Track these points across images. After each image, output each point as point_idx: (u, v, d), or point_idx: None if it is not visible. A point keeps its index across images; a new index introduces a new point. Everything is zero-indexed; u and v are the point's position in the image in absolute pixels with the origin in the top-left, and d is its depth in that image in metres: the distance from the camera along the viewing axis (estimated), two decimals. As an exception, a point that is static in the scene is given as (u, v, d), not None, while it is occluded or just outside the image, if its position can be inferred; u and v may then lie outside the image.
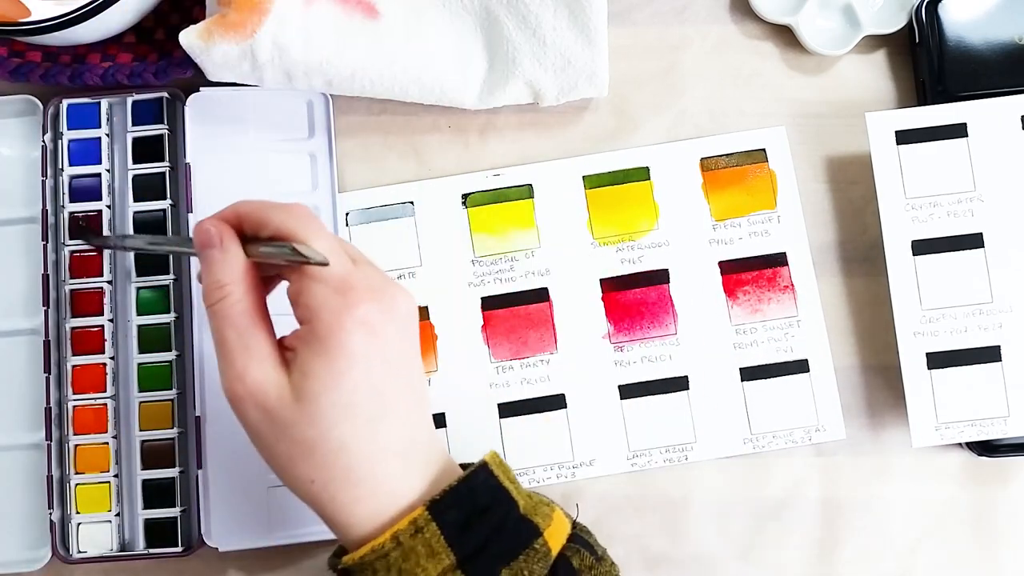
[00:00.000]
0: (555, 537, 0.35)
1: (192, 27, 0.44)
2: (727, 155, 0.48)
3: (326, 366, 0.33)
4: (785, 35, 0.50)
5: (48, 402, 0.45)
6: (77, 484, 0.45)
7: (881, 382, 0.47)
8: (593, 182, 0.48)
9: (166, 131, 0.47)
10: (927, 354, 0.45)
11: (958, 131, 0.45)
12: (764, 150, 0.48)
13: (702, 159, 0.49)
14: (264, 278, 0.37)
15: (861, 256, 0.48)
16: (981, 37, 0.47)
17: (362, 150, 0.49)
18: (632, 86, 0.49)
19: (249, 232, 0.36)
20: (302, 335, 0.34)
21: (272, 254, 0.35)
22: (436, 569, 0.32)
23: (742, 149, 0.49)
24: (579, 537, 0.36)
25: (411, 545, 0.33)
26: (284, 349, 0.35)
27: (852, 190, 0.48)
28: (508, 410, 0.47)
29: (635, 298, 0.48)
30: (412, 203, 0.48)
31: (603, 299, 0.48)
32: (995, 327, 0.45)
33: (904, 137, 0.45)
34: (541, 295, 0.48)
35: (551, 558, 0.34)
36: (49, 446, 0.45)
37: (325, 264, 0.34)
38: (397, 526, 0.33)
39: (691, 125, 0.49)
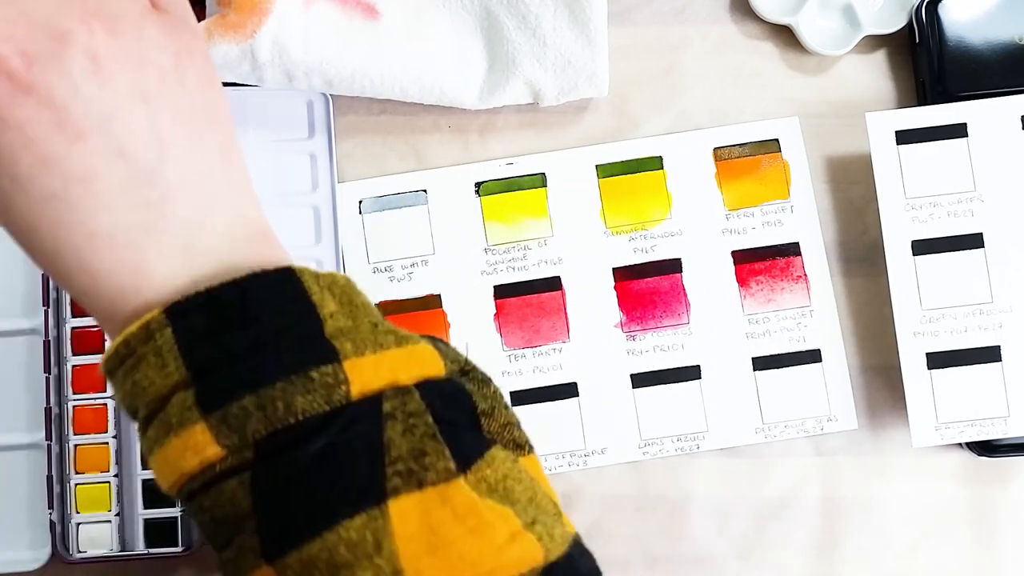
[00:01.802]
0: (375, 371, 0.26)
1: (192, 27, 0.44)
2: (740, 145, 0.49)
3: None
4: (785, 35, 0.50)
5: (48, 402, 0.45)
6: (77, 484, 0.45)
7: (881, 382, 0.47)
8: (606, 171, 0.49)
9: (166, 131, 0.47)
10: (927, 354, 0.45)
11: (958, 131, 0.45)
12: (777, 140, 0.49)
13: (715, 148, 0.49)
14: None
15: (861, 256, 0.48)
16: (981, 37, 0.47)
17: (362, 150, 0.49)
18: (632, 86, 0.49)
19: None
20: None
21: None
22: (165, 384, 0.25)
23: (755, 139, 0.49)
24: (448, 385, 0.28)
25: (142, 352, 0.26)
26: None
27: (852, 190, 0.48)
28: (520, 398, 0.47)
29: (648, 287, 0.48)
30: (425, 191, 0.49)
31: (616, 288, 0.48)
32: (995, 327, 0.45)
33: (904, 137, 0.45)
34: (553, 284, 0.48)
35: (341, 394, 0.25)
36: (49, 446, 0.45)
37: None
38: (128, 329, 0.26)
39: (691, 125, 0.49)
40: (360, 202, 0.48)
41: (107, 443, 0.45)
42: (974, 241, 0.45)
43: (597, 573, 0.28)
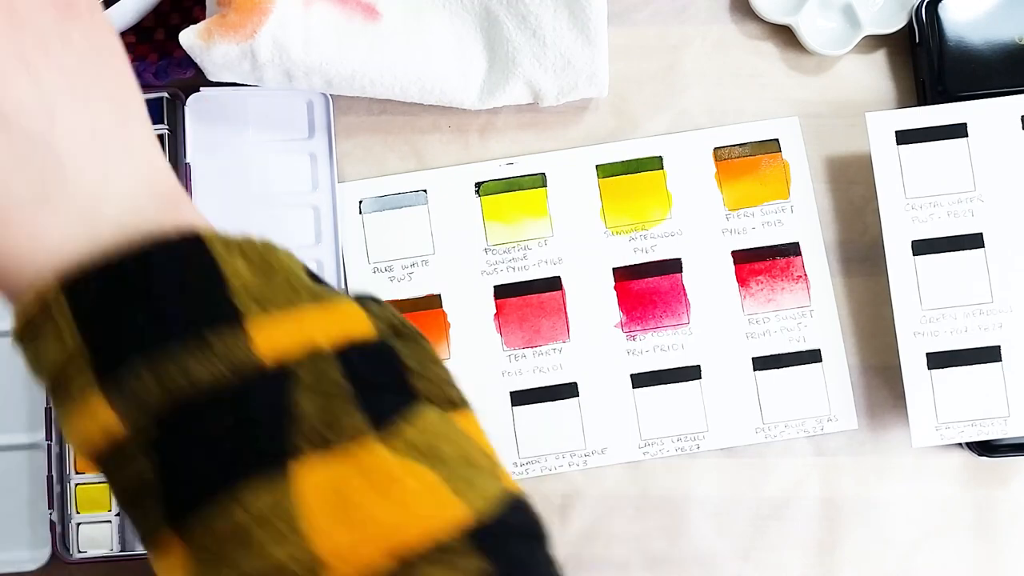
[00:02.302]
0: (286, 333, 0.25)
1: (192, 27, 0.44)
2: (741, 145, 0.49)
3: None
4: (785, 35, 0.50)
5: (48, 402, 0.45)
6: (77, 484, 0.45)
7: (881, 382, 0.47)
8: (606, 171, 0.49)
9: (166, 131, 0.47)
10: (927, 354, 0.45)
11: (958, 131, 0.45)
12: (777, 140, 0.49)
13: (715, 148, 0.49)
14: None
15: (861, 256, 0.48)
16: (981, 37, 0.47)
17: (362, 150, 0.49)
18: (632, 86, 0.49)
19: None
20: None
21: None
22: (61, 355, 0.24)
23: (755, 139, 0.49)
24: (375, 347, 0.26)
25: (41, 324, 0.24)
26: None
27: (852, 190, 0.48)
28: (520, 398, 0.47)
29: (648, 287, 0.48)
30: (425, 191, 0.49)
31: (616, 288, 0.48)
32: (995, 327, 0.45)
33: (904, 137, 0.45)
34: (554, 284, 0.48)
35: (245, 358, 0.24)
36: (49, 446, 0.45)
37: None
38: (24, 300, 0.25)
39: (691, 125, 0.49)
40: (360, 202, 0.48)
41: (107, 443, 0.45)
42: (974, 241, 0.45)
43: (534, 527, 0.27)
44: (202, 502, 0.23)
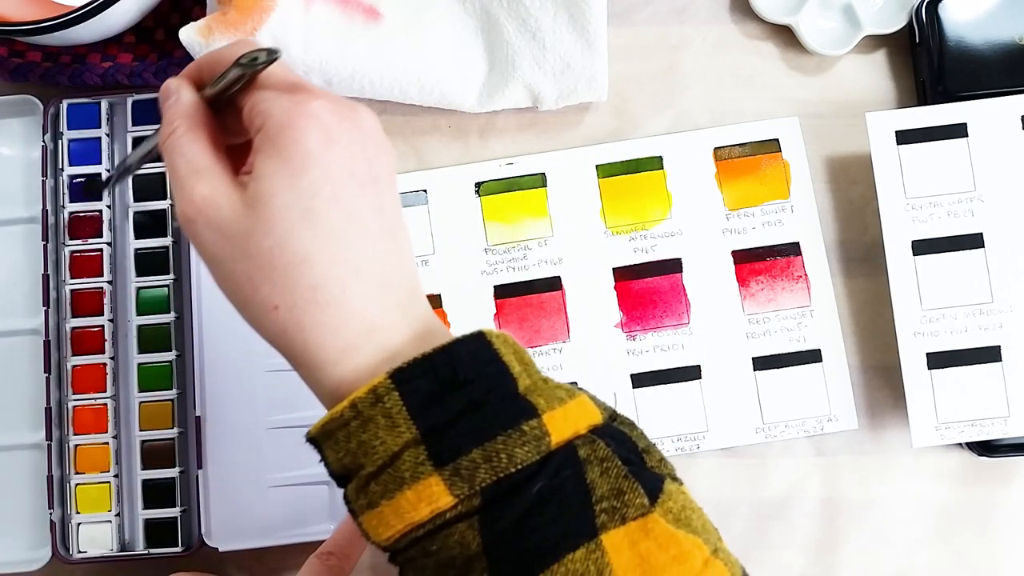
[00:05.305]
0: (564, 423, 0.29)
1: (192, 24, 0.44)
2: (741, 144, 0.49)
3: (279, 165, 0.30)
4: (785, 35, 0.50)
5: (48, 402, 0.45)
6: (77, 484, 0.45)
7: (881, 382, 0.47)
8: (606, 171, 0.49)
9: (166, 131, 0.47)
10: (927, 354, 0.45)
11: (958, 131, 0.45)
12: (777, 140, 0.49)
13: (716, 148, 0.49)
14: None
15: (861, 256, 0.48)
16: (981, 37, 0.47)
17: (362, 150, 0.49)
18: (632, 86, 0.49)
19: (209, 79, 0.34)
20: (256, 144, 0.31)
21: (222, 77, 0.32)
22: (395, 443, 0.28)
23: (755, 139, 0.49)
24: (611, 429, 0.31)
25: (370, 415, 0.29)
26: (243, 175, 0.32)
27: (852, 190, 0.48)
28: (520, 399, 0.47)
29: (648, 287, 0.48)
30: (425, 191, 0.49)
31: (616, 288, 0.48)
32: (995, 327, 0.45)
33: (904, 137, 0.45)
34: (554, 284, 0.48)
35: (546, 444, 0.28)
36: (49, 446, 0.45)
37: (274, 57, 0.31)
38: (356, 393, 0.29)
39: (691, 125, 0.49)
40: (360, 202, 0.48)
41: (107, 443, 0.45)
42: (974, 241, 0.45)
43: None
44: (533, 572, 0.27)
